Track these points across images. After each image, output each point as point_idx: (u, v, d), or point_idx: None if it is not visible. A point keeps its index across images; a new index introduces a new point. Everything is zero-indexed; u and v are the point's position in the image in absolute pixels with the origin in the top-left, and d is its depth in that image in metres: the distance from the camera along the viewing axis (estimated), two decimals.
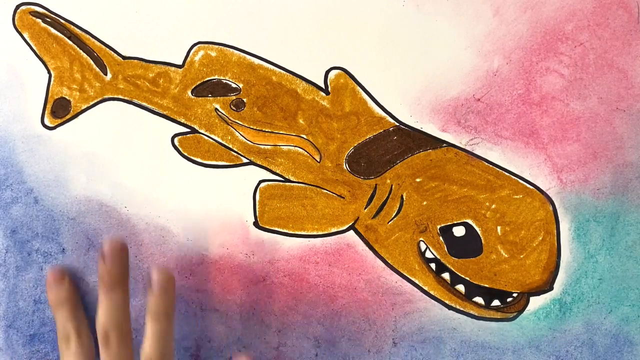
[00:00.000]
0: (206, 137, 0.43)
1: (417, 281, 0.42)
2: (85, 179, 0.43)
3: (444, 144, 0.42)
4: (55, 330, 0.41)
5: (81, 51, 0.43)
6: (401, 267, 0.42)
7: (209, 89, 0.42)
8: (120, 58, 0.43)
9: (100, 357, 0.39)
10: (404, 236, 0.42)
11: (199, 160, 0.42)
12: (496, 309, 0.42)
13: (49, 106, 0.43)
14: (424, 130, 0.42)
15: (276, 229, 0.42)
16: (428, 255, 0.42)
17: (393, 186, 0.42)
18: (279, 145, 0.42)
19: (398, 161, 0.42)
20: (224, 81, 0.42)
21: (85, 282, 0.43)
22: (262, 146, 0.42)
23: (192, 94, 0.42)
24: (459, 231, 0.42)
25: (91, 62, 0.43)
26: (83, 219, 0.43)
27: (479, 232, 0.42)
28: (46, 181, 0.43)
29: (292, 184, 0.42)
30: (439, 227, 0.42)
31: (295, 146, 0.42)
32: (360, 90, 0.42)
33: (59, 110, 0.43)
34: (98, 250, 0.40)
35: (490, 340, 0.42)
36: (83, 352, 0.40)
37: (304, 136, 0.42)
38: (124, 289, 0.39)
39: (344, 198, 0.42)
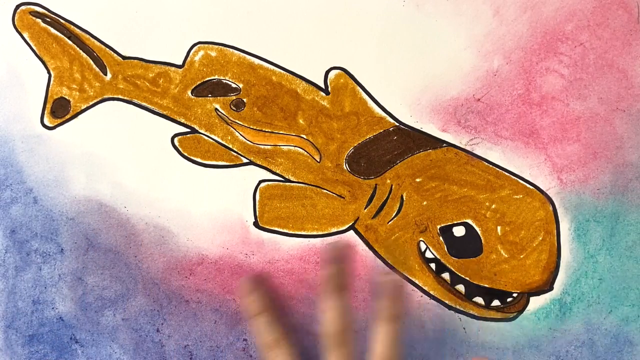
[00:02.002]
0: (206, 137, 0.43)
1: (417, 281, 0.42)
2: (85, 179, 0.43)
3: (444, 144, 0.42)
4: (54, 330, 0.41)
5: (81, 51, 0.43)
6: (401, 267, 0.42)
7: (209, 89, 0.42)
8: (120, 58, 0.43)
9: (328, 358, 0.38)
10: (404, 236, 0.42)
11: (199, 160, 0.42)
12: (496, 309, 0.42)
13: (48, 106, 0.43)
14: (424, 130, 0.42)
15: (276, 229, 0.42)
16: (428, 255, 0.42)
17: (393, 186, 0.42)
18: (279, 145, 0.42)
19: (398, 161, 0.42)
20: (224, 81, 0.42)
21: (84, 282, 0.43)
22: (262, 146, 0.42)
23: (192, 94, 0.42)
24: (459, 231, 0.42)
25: (91, 62, 0.43)
26: (82, 219, 0.43)
27: (479, 232, 0.42)
28: (45, 181, 0.43)
29: (292, 184, 0.42)
30: (439, 227, 0.42)
31: (295, 146, 0.42)
32: (360, 90, 0.42)
33: (59, 110, 0.43)
34: (326, 253, 0.39)
35: (490, 340, 0.42)
36: (294, 353, 0.39)
37: (304, 136, 0.42)
38: (349, 291, 0.39)
39: (344, 198, 0.42)
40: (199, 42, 0.42)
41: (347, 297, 0.39)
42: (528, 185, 0.41)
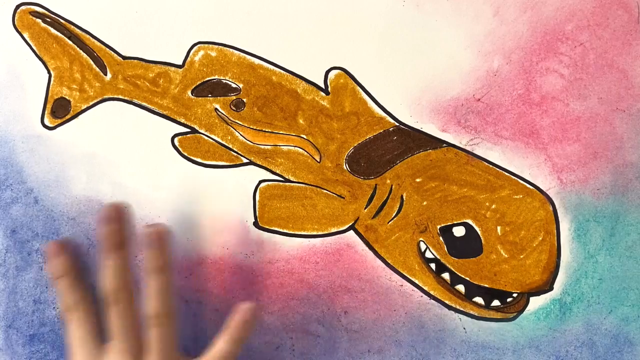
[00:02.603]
0: (206, 137, 0.43)
1: (417, 281, 0.42)
2: (85, 179, 0.43)
3: (444, 144, 0.42)
4: (55, 329, 0.41)
5: (81, 51, 0.43)
6: (401, 267, 0.42)
7: (209, 89, 0.42)
8: (120, 58, 0.43)
9: (109, 316, 0.39)
10: (404, 236, 0.42)
11: (199, 160, 0.42)
12: (496, 309, 0.42)
13: (49, 106, 0.43)
14: (424, 130, 0.42)
15: (276, 229, 0.42)
16: (428, 255, 0.42)
17: (393, 186, 0.42)
18: (279, 145, 0.42)
19: (398, 161, 0.42)
20: (224, 81, 0.42)
21: (84, 282, 0.43)
22: (262, 146, 0.42)
23: (192, 94, 0.42)
24: (459, 231, 0.42)
25: (91, 62, 0.43)
26: (83, 219, 0.43)
27: (479, 232, 0.42)
28: (46, 181, 0.43)
29: (292, 184, 0.42)
30: (439, 227, 0.42)
31: (295, 146, 0.42)
32: (360, 90, 0.42)
33: (59, 110, 0.43)
34: (99, 215, 0.40)
35: (490, 340, 0.42)
36: (89, 319, 0.40)
37: (304, 136, 0.42)
38: (127, 249, 0.40)
39: (344, 198, 0.42)
40: (199, 42, 0.42)
41: (124, 256, 0.39)
42: (528, 185, 0.41)
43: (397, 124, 0.42)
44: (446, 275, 0.42)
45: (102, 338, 0.40)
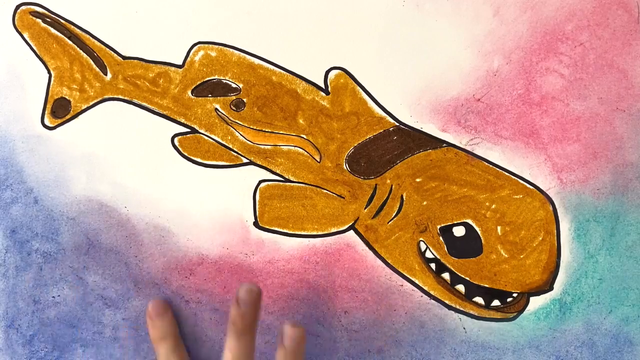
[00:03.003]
0: (206, 137, 0.43)
1: (417, 281, 0.42)
2: (85, 179, 0.43)
3: (444, 144, 0.42)
4: (56, 330, 0.41)
5: (81, 51, 0.43)
6: (401, 267, 0.42)
7: (209, 89, 0.42)
8: (120, 58, 0.43)
9: None
10: (404, 236, 0.42)
11: (199, 160, 0.42)
12: (496, 309, 0.42)
13: (49, 106, 0.43)
14: (424, 130, 0.42)
15: (276, 229, 0.42)
16: (428, 255, 0.42)
17: (393, 186, 0.42)
18: (279, 145, 0.42)
19: (398, 161, 0.42)
20: (224, 81, 0.42)
21: (84, 282, 0.43)
22: (262, 146, 0.42)
23: (192, 94, 0.42)
24: (459, 231, 0.42)
25: (91, 62, 0.43)
26: (83, 219, 0.43)
27: (479, 232, 0.42)
28: (46, 181, 0.43)
29: (292, 184, 0.42)
30: (439, 227, 0.42)
31: (295, 146, 0.42)
32: (360, 90, 0.42)
33: (59, 110, 0.43)
34: (236, 295, 0.38)
35: (490, 340, 0.42)
36: None
37: (304, 136, 0.42)
38: (253, 334, 0.39)
39: (344, 198, 0.42)
40: (199, 42, 0.42)
41: (251, 340, 0.39)
42: (528, 185, 0.41)
43: (397, 124, 0.42)
44: (446, 275, 0.42)
45: None
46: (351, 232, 0.42)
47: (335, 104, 0.42)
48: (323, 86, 0.42)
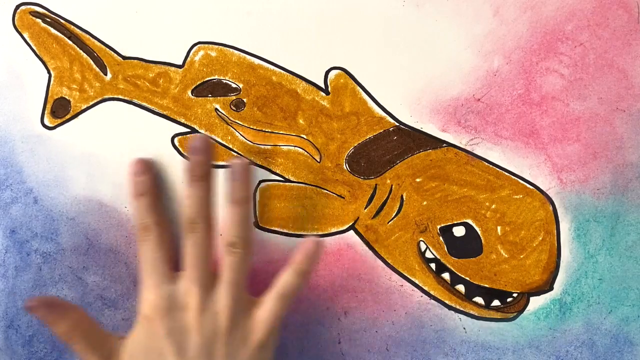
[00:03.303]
0: None
1: (417, 281, 0.42)
2: (85, 179, 0.43)
3: (444, 144, 0.42)
4: (51, 331, 0.41)
5: (81, 51, 0.43)
6: (401, 267, 0.42)
7: (209, 89, 0.42)
8: (120, 58, 0.43)
9: (184, 245, 0.39)
10: (404, 236, 0.42)
11: None
12: (496, 309, 0.42)
13: (48, 106, 0.43)
14: (424, 130, 0.42)
15: (276, 229, 0.42)
16: (428, 255, 0.42)
17: (393, 186, 0.42)
18: (279, 145, 0.42)
19: (398, 161, 0.42)
20: (224, 81, 0.42)
21: (84, 282, 0.43)
22: (262, 146, 0.42)
23: (192, 94, 0.42)
24: (459, 231, 0.42)
25: (91, 62, 0.43)
26: (83, 219, 0.43)
27: (479, 232, 0.42)
28: (46, 181, 0.43)
29: (292, 184, 0.42)
30: (439, 227, 0.42)
31: (295, 146, 0.42)
32: (360, 90, 0.42)
33: (59, 110, 0.43)
34: (188, 144, 0.40)
35: (490, 340, 0.42)
36: (162, 241, 0.40)
37: (304, 136, 0.42)
38: (210, 182, 0.40)
39: (344, 198, 0.42)
40: (199, 42, 0.42)
41: (207, 187, 0.39)
42: (528, 185, 0.41)
43: (397, 124, 0.42)
44: (446, 275, 0.42)
45: (175, 266, 0.40)
46: (351, 232, 0.42)
47: (335, 104, 0.42)
48: (323, 86, 0.42)
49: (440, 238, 0.42)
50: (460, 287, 0.42)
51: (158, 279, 0.39)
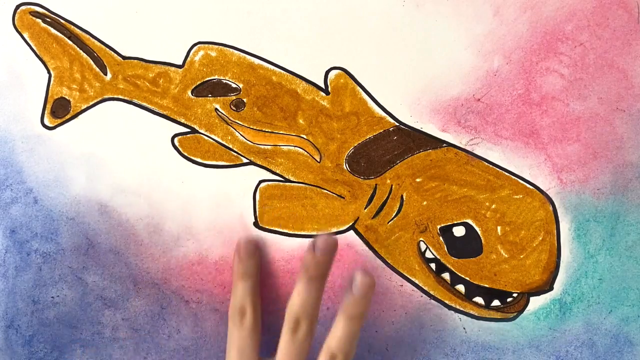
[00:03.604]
0: (206, 137, 0.43)
1: (417, 281, 0.42)
2: (85, 179, 0.43)
3: (444, 144, 0.42)
4: (55, 330, 0.41)
5: (81, 51, 0.43)
6: (401, 267, 0.42)
7: (209, 89, 0.42)
8: (120, 58, 0.43)
9: (281, 341, 0.39)
10: (404, 236, 0.42)
11: (199, 160, 0.42)
12: (496, 309, 0.42)
13: (48, 106, 0.43)
14: (424, 130, 0.42)
15: (276, 229, 0.42)
16: (428, 255, 0.42)
17: (393, 186, 0.42)
18: (279, 145, 0.42)
19: (398, 161, 0.42)
20: (224, 81, 0.42)
21: (84, 282, 0.43)
22: (262, 146, 0.42)
23: (192, 94, 0.42)
24: (459, 231, 0.42)
25: (91, 62, 0.43)
26: (82, 219, 0.43)
27: (479, 232, 0.42)
28: (46, 181, 0.43)
29: (292, 184, 0.42)
30: (439, 227, 0.42)
31: (295, 146, 0.42)
32: (360, 90, 0.42)
33: (59, 110, 0.43)
34: (314, 242, 0.39)
35: (490, 340, 0.42)
36: (256, 328, 0.39)
37: (304, 136, 0.42)
38: (323, 283, 0.39)
39: (344, 198, 0.42)
40: (199, 42, 0.42)
41: (320, 288, 0.39)
42: (528, 185, 0.41)
43: (397, 124, 0.42)
44: (446, 275, 0.42)
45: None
46: (351, 232, 0.42)
47: (335, 104, 0.42)
48: (323, 86, 0.42)
49: (440, 238, 0.42)
50: (460, 287, 0.42)
51: None
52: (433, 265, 0.42)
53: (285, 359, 0.38)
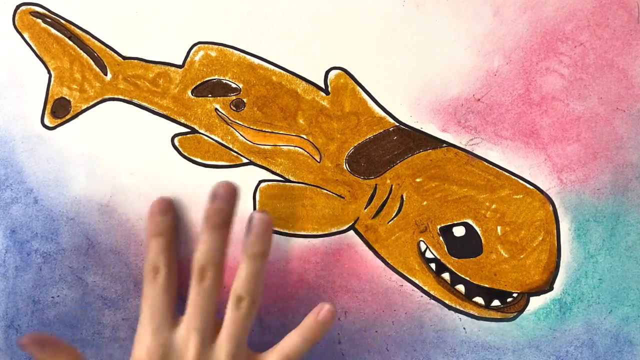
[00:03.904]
0: (206, 137, 0.43)
1: (417, 281, 0.42)
2: (85, 179, 0.43)
3: (444, 144, 0.42)
4: (56, 330, 0.41)
5: (81, 51, 0.43)
6: (401, 267, 0.42)
7: (209, 89, 0.42)
8: (120, 58, 0.43)
9: (189, 293, 0.39)
10: (404, 236, 0.42)
11: (199, 160, 0.42)
12: (496, 309, 0.42)
13: (49, 106, 0.43)
14: (424, 130, 0.42)
15: (276, 229, 0.42)
16: (428, 255, 0.42)
17: (393, 186, 0.42)
18: (279, 145, 0.42)
19: (398, 161, 0.42)
20: (224, 81, 0.42)
21: (84, 282, 0.43)
22: (262, 146, 0.42)
23: (192, 94, 0.42)
24: (459, 231, 0.42)
25: (91, 62, 0.43)
26: (82, 219, 0.43)
27: (479, 232, 0.42)
28: (46, 181, 0.43)
29: (292, 184, 0.42)
30: (439, 227, 0.42)
31: (295, 146, 0.42)
32: (360, 90, 0.42)
33: (59, 110, 0.43)
34: (211, 190, 0.39)
35: (490, 340, 0.42)
36: (170, 285, 0.39)
37: (304, 136, 0.42)
38: (227, 231, 0.39)
39: (344, 198, 0.42)
40: (199, 42, 0.42)
41: (224, 236, 0.39)
42: (528, 185, 0.41)
43: (397, 124, 0.42)
44: (446, 275, 0.42)
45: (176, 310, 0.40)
46: (351, 232, 0.42)
47: (335, 104, 0.42)
48: (323, 86, 0.42)
49: (440, 238, 0.42)
50: (460, 287, 0.42)
51: (158, 323, 0.38)
52: (433, 265, 0.42)
53: (194, 308, 0.38)
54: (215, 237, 0.39)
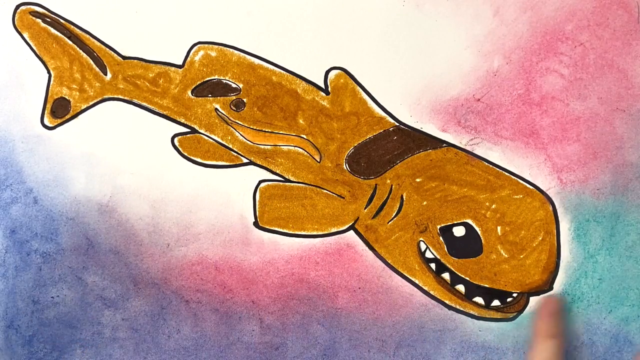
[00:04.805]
0: (206, 137, 0.43)
1: (417, 281, 0.42)
2: (85, 179, 0.43)
3: (444, 144, 0.42)
4: (55, 330, 0.41)
5: (81, 51, 0.43)
6: (401, 267, 0.42)
7: (209, 89, 0.42)
8: (120, 58, 0.43)
9: None
10: (404, 236, 0.42)
11: (199, 160, 0.42)
12: (496, 309, 0.42)
13: (48, 106, 0.43)
14: (424, 130, 0.42)
15: (276, 229, 0.42)
16: (428, 255, 0.42)
17: (393, 186, 0.42)
18: (279, 145, 0.42)
19: (398, 161, 0.42)
20: (224, 81, 0.42)
21: (84, 282, 0.43)
22: (262, 146, 0.42)
23: (192, 94, 0.42)
24: (459, 231, 0.42)
25: (91, 62, 0.43)
26: (82, 219, 0.43)
27: (479, 232, 0.42)
28: (46, 181, 0.43)
29: (292, 184, 0.42)
30: (439, 227, 0.42)
31: (295, 146, 0.42)
32: (360, 90, 0.42)
33: (59, 110, 0.43)
34: (543, 308, 0.41)
35: (490, 340, 0.42)
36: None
37: (304, 136, 0.42)
38: (561, 340, 0.40)
39: (344, 198, 0.42)
40: (199, 42, 0.42)
41: (558, 346, 0.40)
42: (528, 185, 0.41)
43: (397, 124, 0.42)
44: (446, 275, 0.42)
45: None
46: (351, 232, 0.42)
47: (335, 104, 0.42)
48: (323, 86, 0.42)
49: (440, 238, 0.42)
50: (460, 287, 0.42)
51: None
52: (433, 265, 0.42)
53: None
54: (549, 348, 0.40)
